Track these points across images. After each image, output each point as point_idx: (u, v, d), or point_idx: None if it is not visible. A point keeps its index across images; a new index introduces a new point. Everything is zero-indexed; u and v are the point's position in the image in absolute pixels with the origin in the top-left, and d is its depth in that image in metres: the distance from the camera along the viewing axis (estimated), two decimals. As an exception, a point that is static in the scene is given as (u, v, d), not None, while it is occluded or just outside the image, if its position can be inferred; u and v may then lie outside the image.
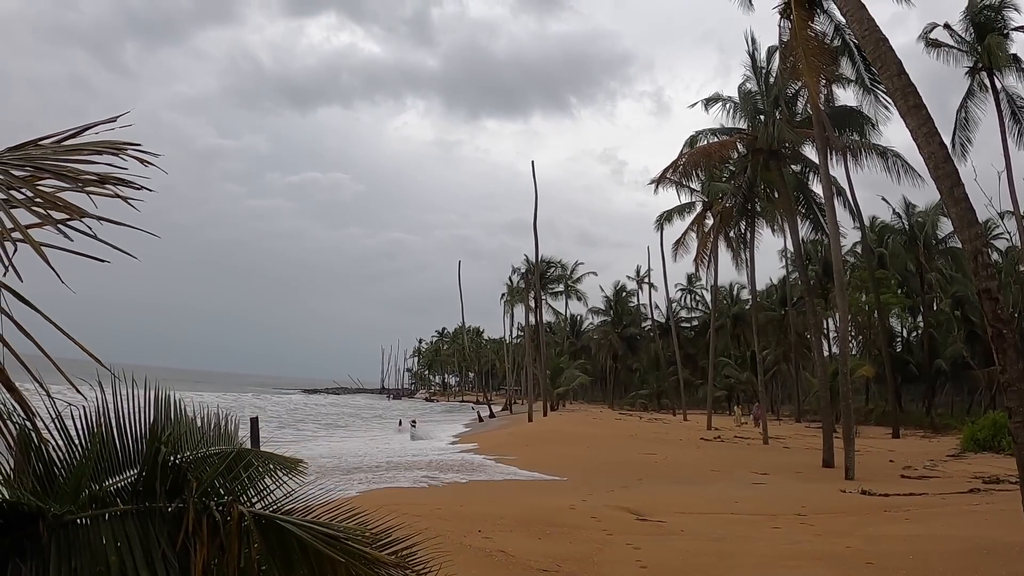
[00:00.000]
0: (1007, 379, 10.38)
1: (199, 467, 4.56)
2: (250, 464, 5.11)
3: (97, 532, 3.85)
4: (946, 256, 58.99)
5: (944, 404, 67.81)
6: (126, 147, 3.55)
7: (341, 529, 4.19)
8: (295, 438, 44.06)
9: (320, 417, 70.07)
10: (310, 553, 3.89)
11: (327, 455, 32.05)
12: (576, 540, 14.06)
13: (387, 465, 28.86)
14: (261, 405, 74.74)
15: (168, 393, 5.14)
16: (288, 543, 3.93)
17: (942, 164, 11.00)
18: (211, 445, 5.20)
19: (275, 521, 4.00)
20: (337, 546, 3.90)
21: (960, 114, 38.14)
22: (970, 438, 35.64)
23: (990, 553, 12.53)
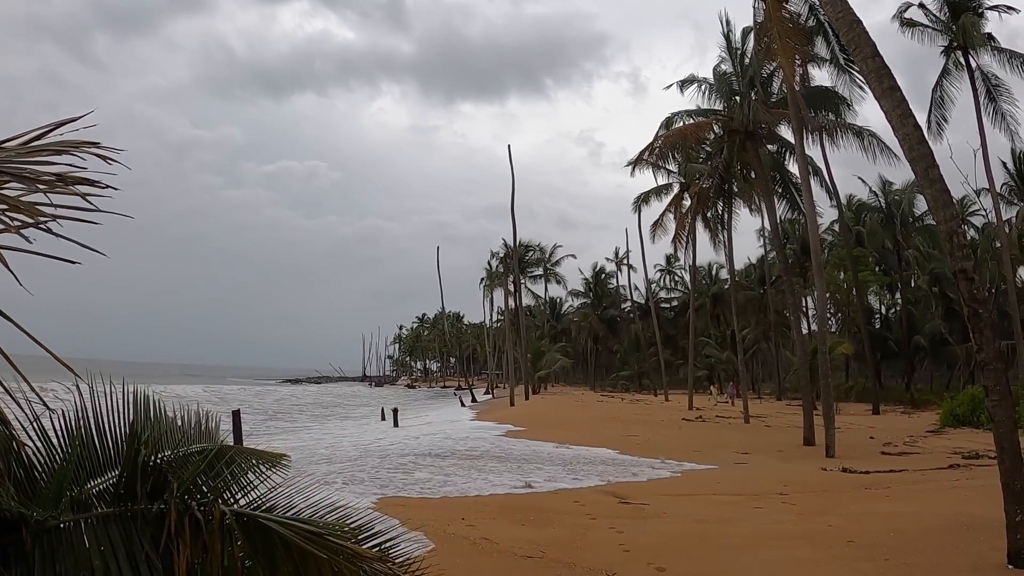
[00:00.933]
0: (984, 358, 10.45)
1: (180, 466, 4.54)
2: (232, 461, 5.10)
3: (80, 536, 3.85)
4: (923, 233, 59.36)
5: (923, 380, 68.36)
6: (85, 146, 3.53)
7: (322, 525, 4.19)
8: (291, 427, 44.21)
9: (305, 407, 69.79)
10: (293, 550, 3.89)
11: (331, 446, 31.98)
12: (559, 525, 14.10)
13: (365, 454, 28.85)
14: (244, 398, 74.41)
15: (147, 392, 5.13)
16: (271, 541, 3.94)
17: (917, 146, 11.03)
18: (192, 443, 5.18)
19: (257, 519, 4.01)
20: (319, 542, 3.90)
21: (936, 93, 38.29)
22: (949, 413, 35.98)
23: (971, 529, 12.66)
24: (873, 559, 11.20)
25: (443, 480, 19.99)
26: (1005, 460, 10.36)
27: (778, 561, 11.29)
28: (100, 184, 3.45)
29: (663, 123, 40.27)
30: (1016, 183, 55.05)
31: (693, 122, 38.44)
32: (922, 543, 12.10)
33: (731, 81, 38.55)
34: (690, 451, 27.70)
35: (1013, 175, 54.92)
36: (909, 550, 11.63)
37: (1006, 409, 10.45)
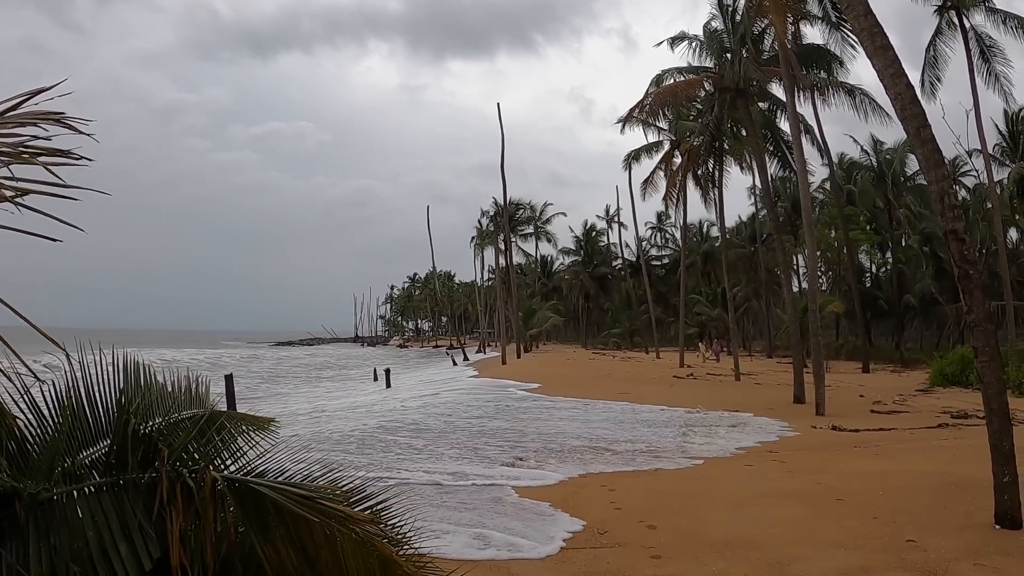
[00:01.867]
0: (973, 319, 10.49)
1: (171, 434, 4.54)
2: (223, 427, 5.10)
3: (73, 508, 3.85)
4: (914, 193, 59.23)
5: (913, 339, 68.66)
6: (51, 116, 3.48)
7: (314, 489, 4.18)
8: (282, 392, 44.33)
9: (299, 370, 69.99)
10: (285, 514, 3.89)
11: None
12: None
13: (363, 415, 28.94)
14: (236, 362, 74.55)
15: (137, 359, 5.11)
16: (263, 506, 3.93)
17: (909, 105, 10.99)
18: (183, 410, 5.19)
19: (248, 485, 4.00)
20: (311, 506, 3.90)
21: (929, 53, 38.09)
22: (939, 373, 36.16)
23: (959, 489, 12.77)
24: (862, 517, 11.30)
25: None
26: (993, 421, 10.43)
27: (768, 519, 11.37)
28: (73, 155, 3.39)
29: (653, 80, 40.13)
30: (1008, 144, 54.95)
31: (684, 79, 38.23)
32: (911, 502, 12.21)
33: (722, 38, 38.28)
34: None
35: (1005, 136, 54.83)
36: (898, 509, 11.73)
37: (995, 370, 10.51)
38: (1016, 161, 53.28)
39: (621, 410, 27.30)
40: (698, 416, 25.81)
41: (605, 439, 20.24)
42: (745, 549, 9.77)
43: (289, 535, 3.93)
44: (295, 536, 3.93)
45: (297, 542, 3.93)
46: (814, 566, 8.91)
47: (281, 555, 3.93)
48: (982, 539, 9.73)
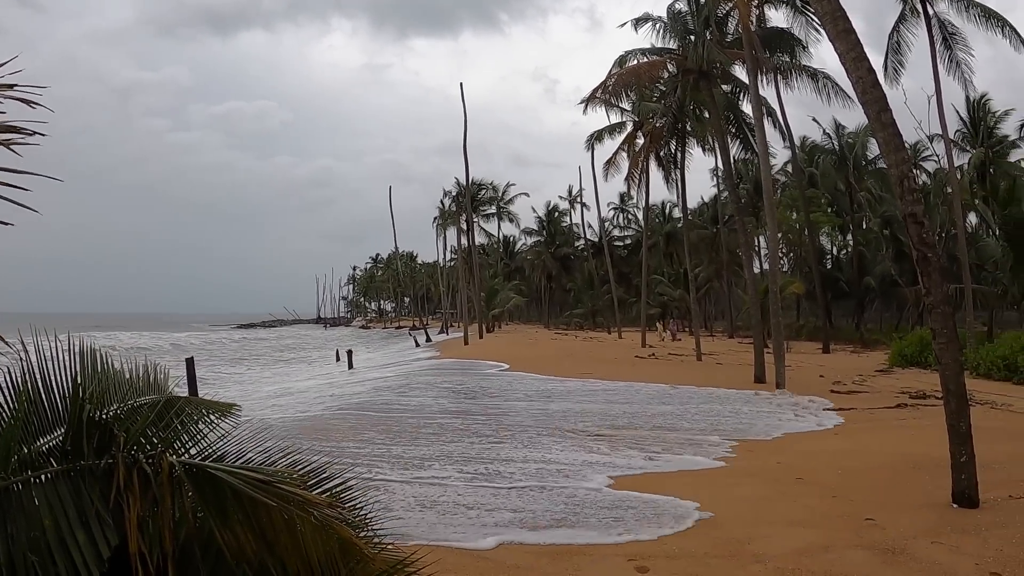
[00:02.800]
0: (931, 301, 10.60)
1: (129, 420, 4.49)
2: (182, 411, 5.05)
3: (30, 496, 3.80)
4: (875, 176, 59.63)
5: (873, 320, 69.34)
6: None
7: (272, 472, 4.15)
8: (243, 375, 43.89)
9: (263, 353, 69.65)
10: (243, 499, 3.84)
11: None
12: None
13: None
14: (198, 345, 74.00)
15: (94, 345, 5.04)
16: (221, 491, 3.89)
17: (870, 89, 11.05)
18: (141, 395, 5.12)
19: (206, 470, 3.95)
20: (268, 490, 3.85)
21: (892, 39, 38.19)
22: (898, 354, 36.63)
23: (917, 468, 12.96)
24: (821, 496, 11.44)
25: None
26: (951, 402, 10.55)
27: (728, 497, 11.46)
28: (25, 131, 3.31)
29: (616, 61, 39.98)
30: (968, 130, 55.69)
31: (647, 61, 38.16)
32: (869, 481, 12.38)
33: (686, 20, 38.21)
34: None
35: (966, 122, 55.58)
36: (856, 487, 11.89)
37: (952, 352, 10.63)
38: (976, 147, 54.06)
39: (590, 390, 27.40)
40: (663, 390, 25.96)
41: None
42: (705, 527, 9.86)
43: (248, 520, 3.89)
44: (254, 521, 3.89)
45: (256, 527, 3.88)
46: (774, 544, 8.99)
47: (240, 540, 3.89)
48: (939, 517, 9.87)
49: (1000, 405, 21.54)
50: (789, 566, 8.06)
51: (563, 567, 8.17)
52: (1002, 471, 12.27)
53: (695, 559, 8.44)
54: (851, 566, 8.04)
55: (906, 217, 10.83)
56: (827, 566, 8.04)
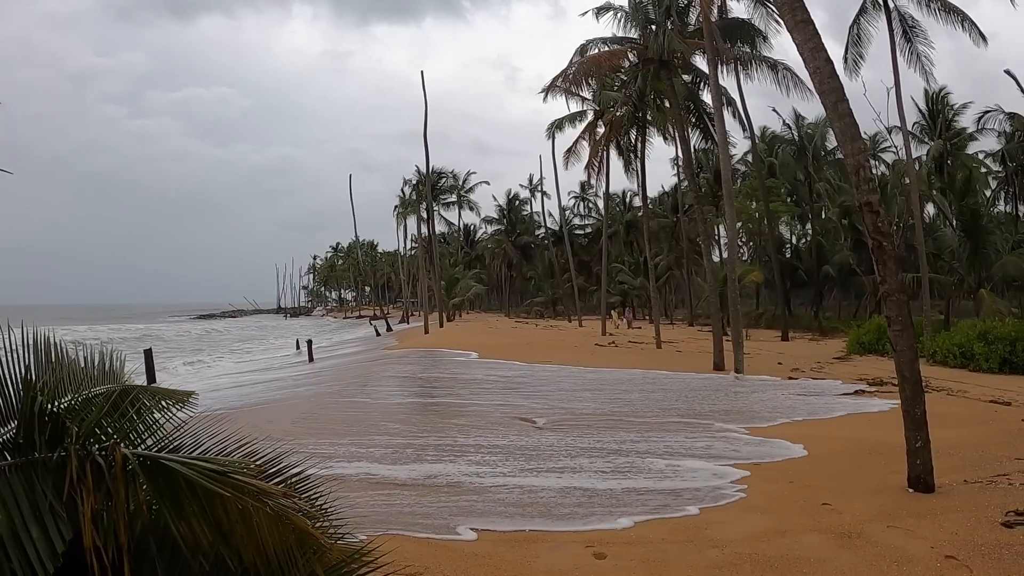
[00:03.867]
0: (887, 289, 10.70)
1: (84, 410, 4.44)
2: (137, 401, 5.00)
3: (-17, 491, 3.74)
4: (834, 167, 60.10)
5: (832, 308, 70.02)
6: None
7: (227, 463, 4.11)
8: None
9: (220, 343, 69.03)
10: (198, 490, 3.80)
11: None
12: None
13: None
14: (156, 336, 73.14)
15: (48, 336, 4.98)
16: (175, 482, 3.84)
17: (827, 79, 11.12)
18: (95, 385, 5.06)
19: (159, 461, 3.90)
20: (223, 481, 3.81)
21: (853, 31, 38.40)
22: (856, 341, 37.05)
23: (873, 453, 13.13)
24: (778, 481, 11.55)
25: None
26: (906, 388, 10.67)
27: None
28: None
29: (578, 50, 40.00)
30: (927, 122, 56.43)
31: (608, 50, 38.21)
32: (825, 467, 12.51)
33: (647, 10, 38.27)
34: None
35: (924, 115, 56.32)
36: (813, 472, 12.01)
37: (907, 339, 10.74)
38: (934, 139, 54.72)
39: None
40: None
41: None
42: (661, 512, 9.95)
43: (203, 511, 3.85)
44: (209, 512, 3.85)
45: (211, 518, 3.85)
46: (730, 529, 9.07)
47: (195, 531, 3.86)
48: (895, 502, 9.99)
49: (956, 392, 21.85)
50: (746, 551, 8.13)
51: (521, 554, 8.19)
52: (957, 456, 12.45)
53: (652, 545, 8.49)
54: (807, 550, 8.12)
55: (862, 206, 10.94)
56: (783, 550, 8.12)
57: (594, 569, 7.71)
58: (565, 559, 8.01)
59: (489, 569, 7.66)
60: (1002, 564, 7.43)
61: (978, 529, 8.52)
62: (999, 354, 27.24)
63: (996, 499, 9.69)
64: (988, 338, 28.07)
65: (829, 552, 8.04)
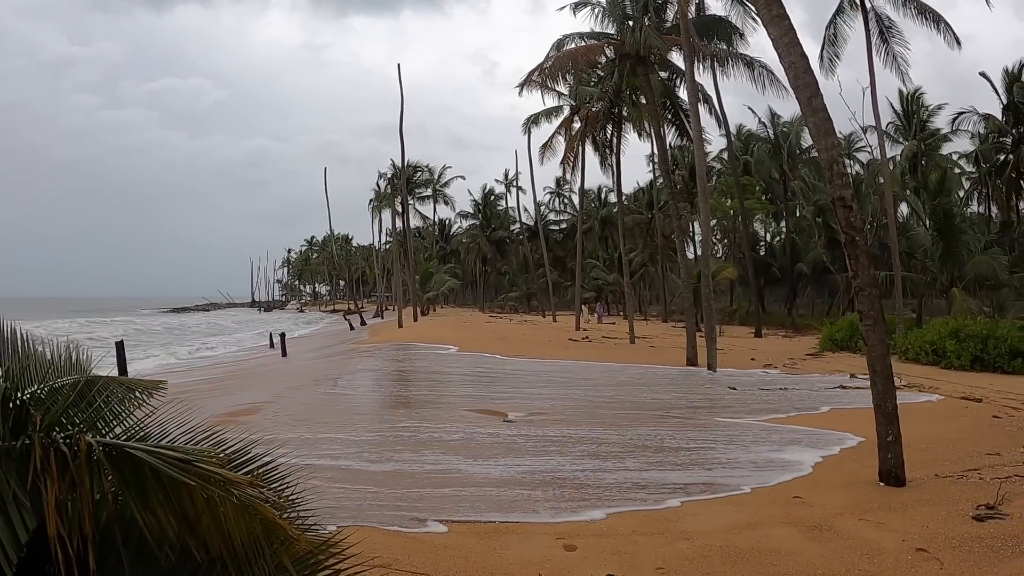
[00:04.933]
0: (859, 283, 10.75)
1: (50, 400, 4.38)
2: (104, 390, 4.95)
3: (-53, 482, 3.68)
4: (809, 165, 60.41)
5: (805, 306, 70.39)
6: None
7: (192, 452, 4.06)
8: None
9: (190, 336, 68.42)
10: (163, 479, 3.75)
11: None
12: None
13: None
14: (128, 331, 72.49)
15: (14, 327, 4.93)
16: (140, 471, 3.79)
17: (802, 74, 11.16)
18: (63, 376, 5.01)
19: (124, 450, 3.85)
20: (190, 469, 3.77)
21: (829, 30, 38.58)
22: (828, 338, 37.29)
23: (844, 447, 13.27)
24: (749, 475, 11.62)
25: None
26: (877, 383, 10.72)
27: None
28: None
29: (554, 44, 39.91)
30: (902, 123, 56.97)
31: (585, 45, 38.16)
32: (799, 458, 12.60)
33: (624, 5, 38.26)
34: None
35: (899, 115, 56.87)
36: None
37: (879, 333, 10.79)
38: (909, 139, 55.17)
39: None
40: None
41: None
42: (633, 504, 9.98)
43: (169, 501, 3.80)
44: (175, 502, 3.80)
45: (177, 508, 3.80)
46: (701, 522, 9.09)
47: (161, 521, 3.80)
48: (866, 496, 10.04)
49: (928, 388, 22.02)
50: (716, 543, 8.14)
51: (491, 545, 8.17)
52: (929, 451, 12.55)
53: (623, 537, 8.49)
54: (777, 542, 8.14)
55: (835, 201, 10.99)
56: (754, 542, 8.13)
57: (564, 561, 7.70)
58: (535, 551, 7.99)
59: (458, 561, 7.64)
60: (972, 557, 7.47)
61: (949, 522, 8.55)
62: (970, 352, 27.49)
63: (967, 493, 9.74)
64: (960, 336, 28.31)
65: (799, 544, 8.07)
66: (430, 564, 7.46)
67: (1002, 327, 28.33)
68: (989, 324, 28.96)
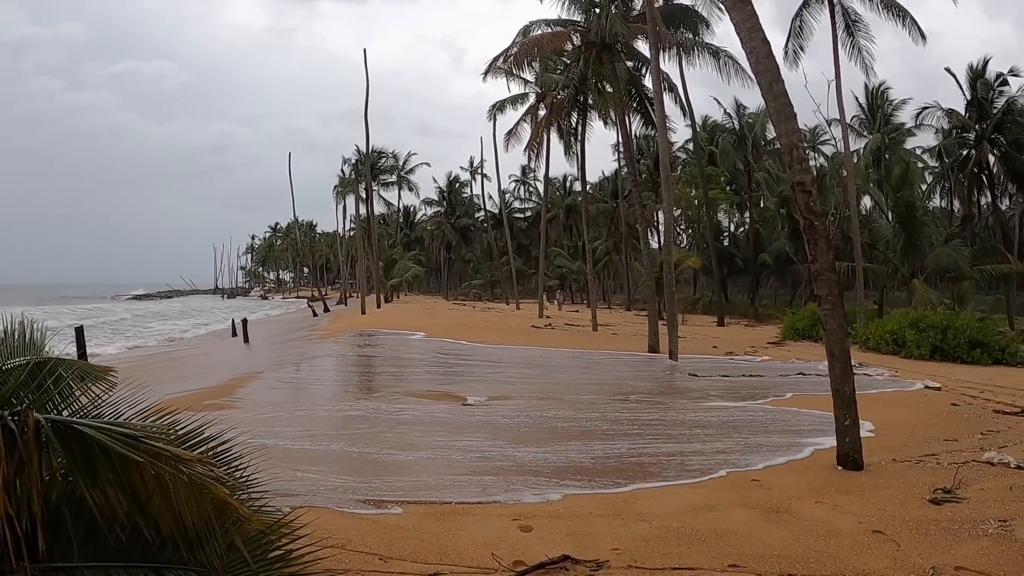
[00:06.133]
0: (818, 268, 10.80)
1: (1, 380, 4.33)
2: (55, 371, 4.91)
3: None
4: (774, 156, 60.80)
5: (768, 296, 71.03)
6: None
7: (141, 428, 4.04)
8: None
9: (148, 323, 67.75)
10: (113, 456, 3.70)
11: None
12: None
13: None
14: (90, 317, 71.63)
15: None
16: (89, 448, 3.75)
17: (763, 60, 11.19)
18: (15, 357, 4.96)
19: (73, 426, 3.80)
20: (138, 446, 3.73)
21: (795, 22, 38.80)
22: (790, 327, 37.62)
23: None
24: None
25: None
26: (835, 367, 10.80)
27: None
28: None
29: (521, 31, 39.81)
30: (866, 116, 57.63)
31: (551, 31, 38.10)
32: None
33: (592, -8, 38.31)
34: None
35: (864, 108, 57.48)
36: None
37: (837, 318, 10.86)
38: (873, 133, 55.69)
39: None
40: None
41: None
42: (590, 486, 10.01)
43: (118, 479, 3.76)
44: (125, 480, 3.76)
45: (127, 486, 3.76)
46: (658, 503, 9.11)
47: (111, 500, 3.77)
48: (824, 479, 10.12)
49: (888, 376, 22.29)
50: (673, 524, 8.15)
51: (446, 527, 8.15)
52: (887, 436, 12.70)
53: (579, 518, 8.49)
54: (734, 524, 8.17)
55: (794, 185, 11.04)
56: (710, 524, 8.16)
57: (519, 541, 7.69)
58: (491, 531, 7.98)
59: (413, 541, 7.61)
60: (929, 538, 7.53)
61: (906, 505, 8.62)
62: (930, 341, 27.77)
63: (924, 477, 9.84)
64: (920, 326, 28.61)
65: (756, 526, 8.10)
66: (384, 545, 7.43)
67: (962, 318, 28.68)
68: (949, 315, 29.29)
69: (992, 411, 15.83)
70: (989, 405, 16.68)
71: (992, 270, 40.30)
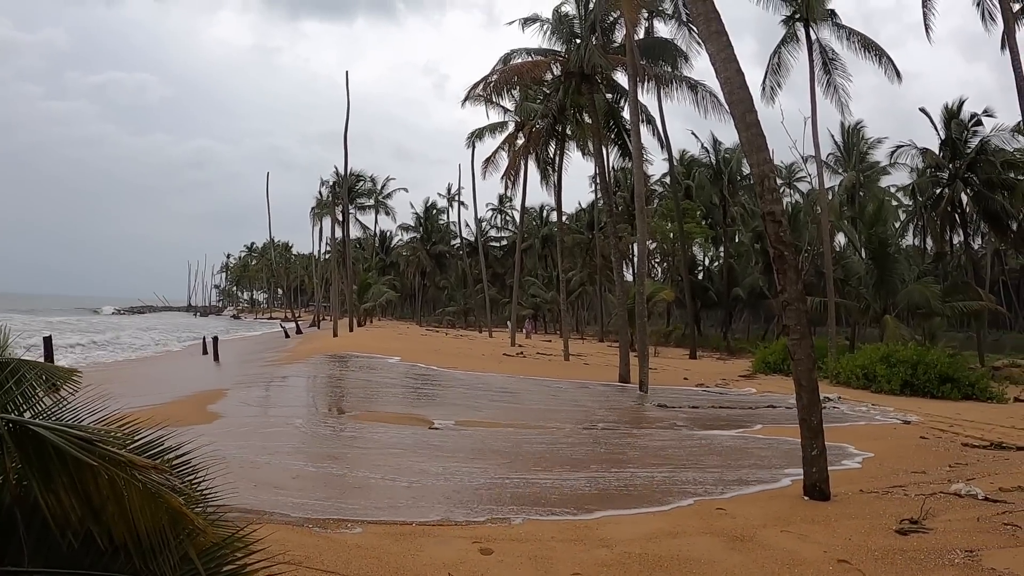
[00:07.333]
0: (786, 298, 10.84)
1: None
2: (16, 372, 4.86)
3: None
4: (749, 191, 61.28)
5: (741, 330, 71.37)
6: None
7: (97, 432, 3.98)
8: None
9: (114, 339, 67.17)
10: (68, 460, 3.65)
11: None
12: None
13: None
14: (57, 330, 71.04)
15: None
16: (44, 451, 3.70)
17: (737, 90, 11.28)
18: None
19: (27, 427, 3.75)
20: (93, 450, 3.67)
21: (773, 59, 39.21)
22: (762, 361, 37.68)
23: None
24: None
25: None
26: (803, 397, 10.82)
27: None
28: None
29: (501, 58, 39.98)
30: (842, 154, 58.24)
31: (531, 60, 38.29)
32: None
33: (572, 23, 38.53)
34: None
35: (840, 146, 58.14)
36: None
37: (805, 348, 10.88)
38: (848, 170, 56.27)
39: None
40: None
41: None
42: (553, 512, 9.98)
43: (73, 483, 3.70)
44: (79, 485, 3.70)
45: (81, 491, 3.70)
46: (621, 529, 9.06)
47: (64, 505, 3.71)
48: (790, 508, 10.11)
49: (857, 410, 22.42)
50: (635, 551, 8.10)
51: (406, 547, 8.07)
52: (853, 468, 12.73)
53: (540, 543, 8.42)
54: (697, 551, 8.12)
55: (765, 216, 11.10)
56: (674, 551, 8.12)
57: (479, 564, 7.63)
58: (450, 553, 7.92)
59: (371, 561, 7.53)
60: (895, 568, 7.51)
61: (872, 535, 8.60)
62: (900, 376, 27.89)
63: (891, 508, 9.84)
64: (890, 361, 28.74)
65: (720, 554, 8.07)
66: (342, 563, 7.35)
67: (932, 353, 28.83)
68: (920, 350, 29.44)
69: (961, 444, 15.90)
70: (958, 438, 16.76)
71: (963, 306, 40.68)
